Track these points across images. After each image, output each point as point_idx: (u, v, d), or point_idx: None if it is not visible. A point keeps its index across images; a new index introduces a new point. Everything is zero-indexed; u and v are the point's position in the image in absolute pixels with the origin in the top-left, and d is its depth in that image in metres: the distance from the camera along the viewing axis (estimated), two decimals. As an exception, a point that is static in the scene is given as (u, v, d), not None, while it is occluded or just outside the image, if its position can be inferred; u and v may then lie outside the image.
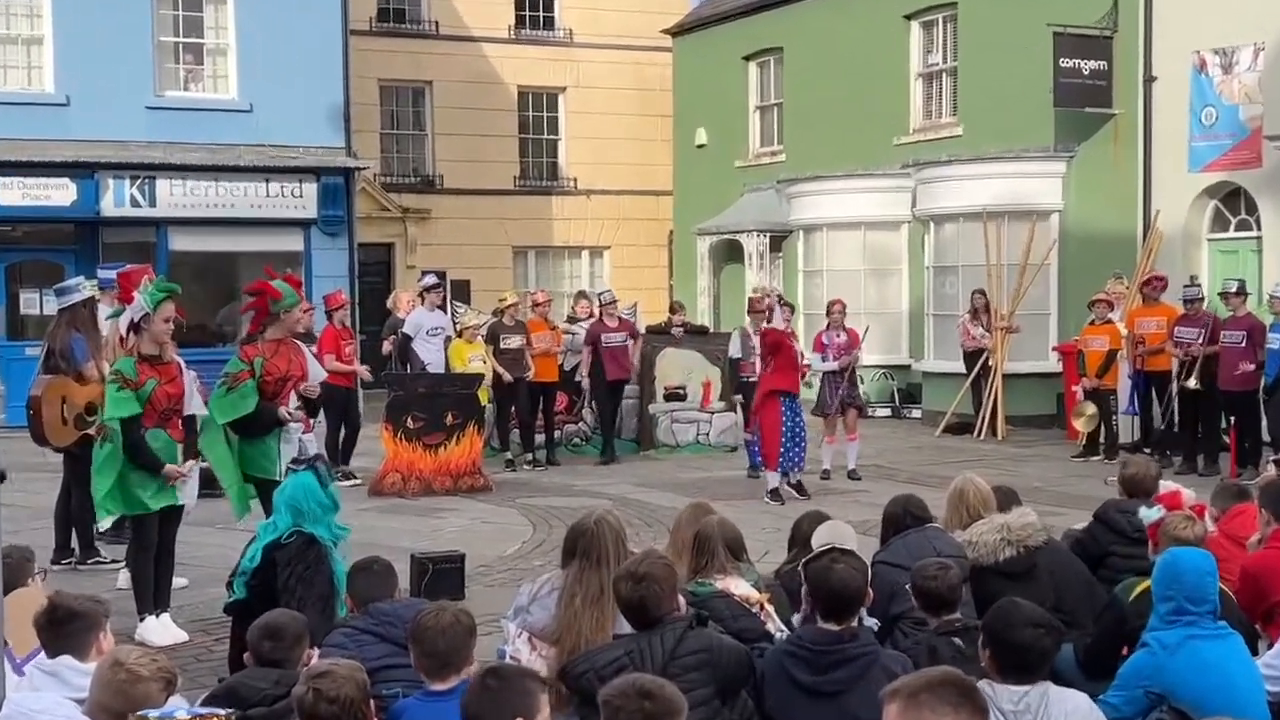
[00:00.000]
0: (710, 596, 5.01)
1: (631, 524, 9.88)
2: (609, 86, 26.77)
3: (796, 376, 12.03)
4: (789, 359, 11.95)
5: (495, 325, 14.45)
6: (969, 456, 15.19)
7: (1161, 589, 4.51)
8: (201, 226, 18.95)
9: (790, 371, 11.95)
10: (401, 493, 12.63)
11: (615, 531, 4.92)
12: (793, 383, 11.95)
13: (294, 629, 4.34)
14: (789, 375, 11.94)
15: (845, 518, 6.10)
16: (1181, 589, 4.44)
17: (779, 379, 11.92)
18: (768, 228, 21.97)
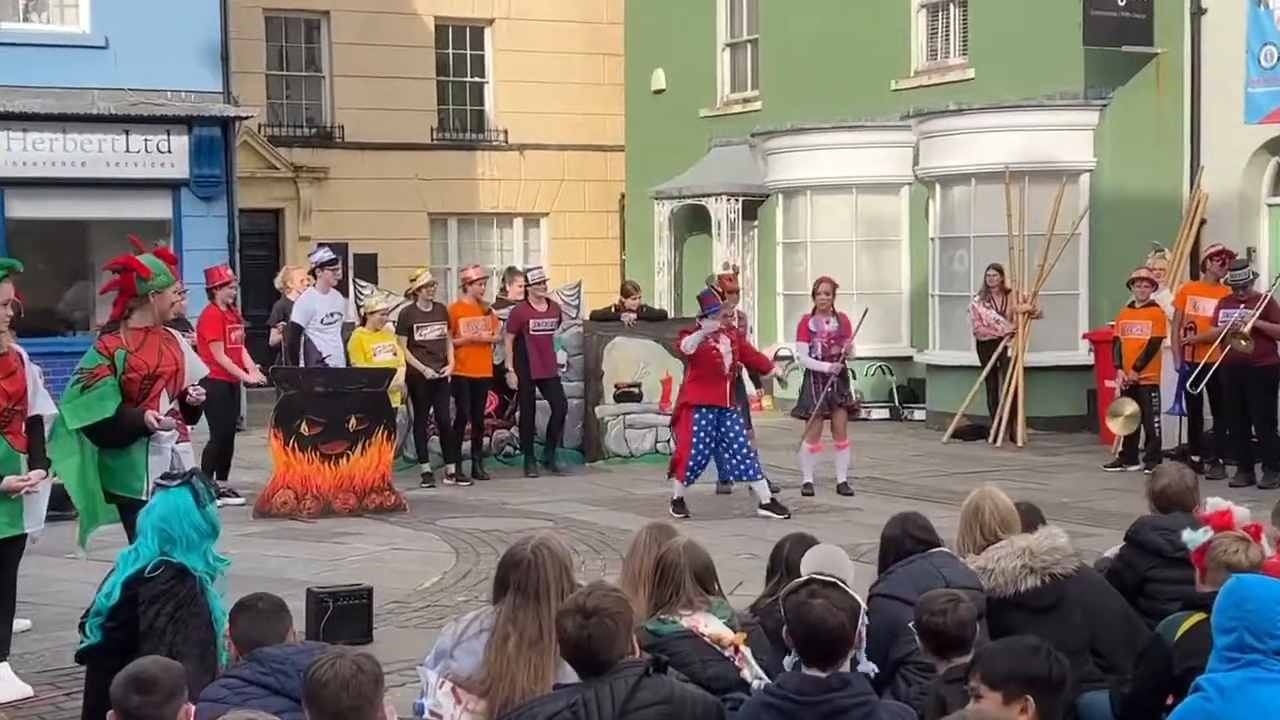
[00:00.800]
0: (674, 636, 5.02)
1: (577, 550, 9.89)
2: (546, 18, 26.74)
3: (724, 387, 12.36)
4: (710, 365, 12.29)
5: (408, 310, 14.41)
6: (983, 466, 15.30)
7: (1223, 619, 4.55)
8: (46, 189, 18.75)
9: (713, 381, 12.30)
10: (294, 514, 12.59)
11: (558, 560, 4.92)
12: (717, 395, 12.32)
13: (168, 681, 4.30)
14: (710, 386, 12.30)
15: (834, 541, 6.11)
16: (1246, 619, 4.48)
17: (695, 390, 12.36)
18: (740, 191, 22.04)
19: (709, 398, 12.34)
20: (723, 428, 12.41)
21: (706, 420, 12.35)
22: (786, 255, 21.14)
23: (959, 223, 18.74)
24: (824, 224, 20.57)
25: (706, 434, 12.37)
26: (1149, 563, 6.30)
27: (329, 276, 14.18)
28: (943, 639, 4.92)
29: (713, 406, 12.34)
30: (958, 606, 4.94)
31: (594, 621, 4.29)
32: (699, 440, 12.38)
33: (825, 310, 13.57)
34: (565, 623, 4.34)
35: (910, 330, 20.32)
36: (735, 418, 12.54)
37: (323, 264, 14.20)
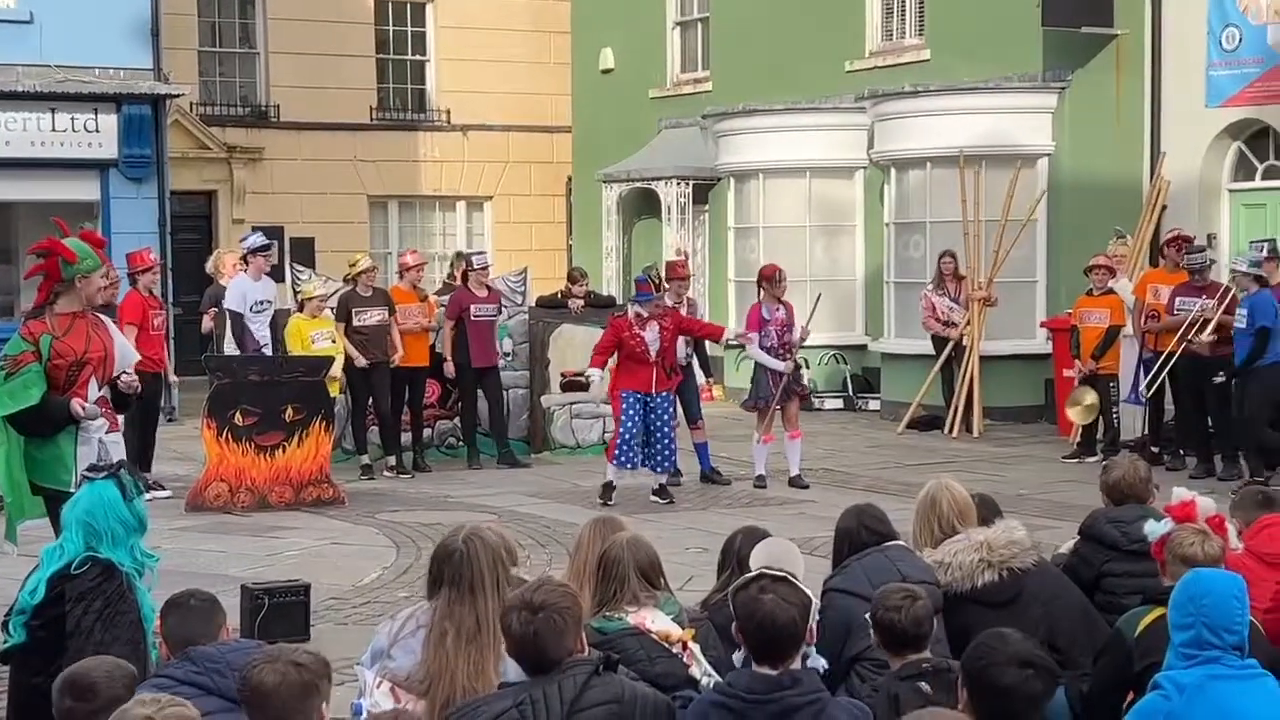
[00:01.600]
0: (620, 634, 5.02)
1: (522, 544, 9.86)
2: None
3: (648, 373, 12.67)
4: (632, 352, 12.66)
5: (347, 296, 14.34)
6: (939, 457, 15.38)
7: (1179, 615, 4.58)
8: (-32, 169, 18.56)
9: (635, 367, 12.67)
10: (228, 507, 12.52)
11: (492, 550, 4.91)
12: (640, 381, 12.67)
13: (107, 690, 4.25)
14: (634, 372, 12.69)
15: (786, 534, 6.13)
16: (1203, 614, 4.51)
17: (620, 376, 12.83)
18: (690, 174, 22.04)
19: (632, 383, 12.68)
20: (651, 414, 12.67)
21: (633, 404, 12.64)
22: (738, 240, 21.17)
23: (914, 208, 18.81)
24: (777, 208, 20.60)
25: (637, 415, 12.66)
26: (1104, 556, 6.35)
27: (261, 262, 14.09)
28: (897, 635, 4.94)
29: (636, 392, 12.64)
30: (914, 603, 4.96)
31: (541, 617, 4.28)
32: (628, 422, 12.66)
33: (770, 298, 13.58)
34: (511, 618, 4.32)
35: (865, 318, 20.39)
36: (665, 406, 12.73)
37: (255, 249, 14.11)
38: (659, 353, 12.69)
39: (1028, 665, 4.24)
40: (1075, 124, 17.89)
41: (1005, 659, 4.25)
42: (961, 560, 5.72)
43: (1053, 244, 18.09)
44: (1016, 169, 17.49)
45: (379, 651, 4.94)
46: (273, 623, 8.18)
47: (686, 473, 13.91)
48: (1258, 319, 12.98)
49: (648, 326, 12.69)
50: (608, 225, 23.21)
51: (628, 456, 12.73)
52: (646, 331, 12.68)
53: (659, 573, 5.34)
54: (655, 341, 12.67)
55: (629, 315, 12.84)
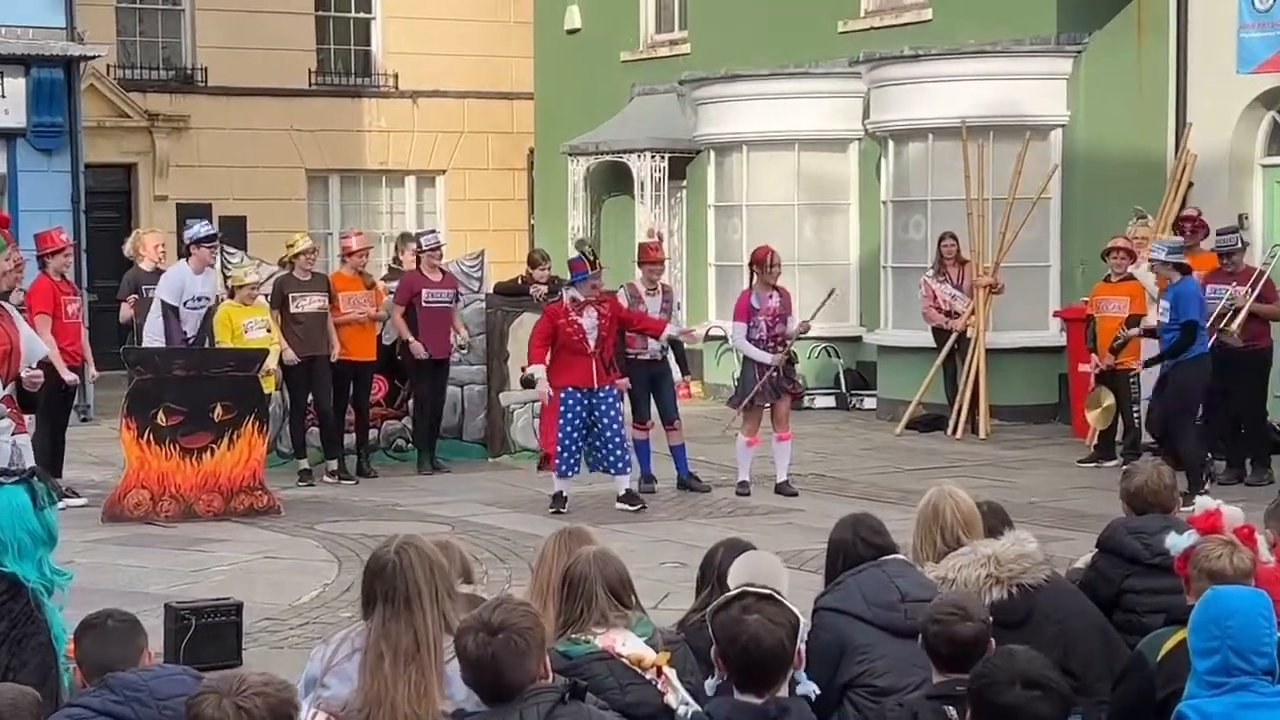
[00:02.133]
0: (588, 658, 5.01)
1: (479, 559, 9.86)
2: (443, -54, 26.64)
3: (588, 365, 12.62)
4: (568, 343, 12.63)
5: (283, 280, 14.31)
6: (941, 461, 15.42)
7: (1201, 639, 4.59)
8: None
9: (573, 359, 12.61)
10: (150, 517, 12.47)
11: (428, 560, 4.91)
12: (580, 374, 12.61)
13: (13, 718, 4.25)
14: (571, 365, 12.63)
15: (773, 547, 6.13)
16: (1229, 637, 4.52)
17: (555, 371, 12.74)
18: (666, 146, 22.04)
19: (571, 378, 12.62)
20: (595, 412, 12.65)
21: (574, 401, 12.61)
22: (719, 220, 21.17)
23: (915, 184, 18.85)
24: (762, 185, 20.61)
25: (577, 416, 12.63)
26: (1124, 570, 6.37)
27: (206, 254, 13.96)
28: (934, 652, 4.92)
29: (579, 388, 12.59)
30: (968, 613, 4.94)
31: (500, 639, 4.26)
32: (567, 424, 12.64)
33: (765, 284, 13.58)
34: (466, 640, 4.31)
35: (859, 307, 20.42)
36: (611, 402, 12.75)
37: (200, 239, 13.99)
38: (598, 342, 12.66)
39: (1034, 686, 4.25)
40: (1092, 91, 17.94)
41: (1009, 678, 4.25)
42: (967, 576, 5.73)
43: (1066, 225, 18.14)
44: (1026, 141, 17.54)
45: (312, 680, 4.93)
46: (200, 646, 8.15)
47: (662, 479, 13.92)
48: (1182, 311, 12.98)
49: (585, 312, 12.67)
50: (574, 203, 23.20)
51: (570, 463, 12.74)
52: (584, 318, 12.65)
53: (630, 590, 5.34)
54: (594, 330, 12.63)
55: (564, 300, 12.80)
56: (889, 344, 18.99)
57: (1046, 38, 18.26)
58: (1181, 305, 13.03)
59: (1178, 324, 13.01)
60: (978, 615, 4.99)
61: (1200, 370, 13.20)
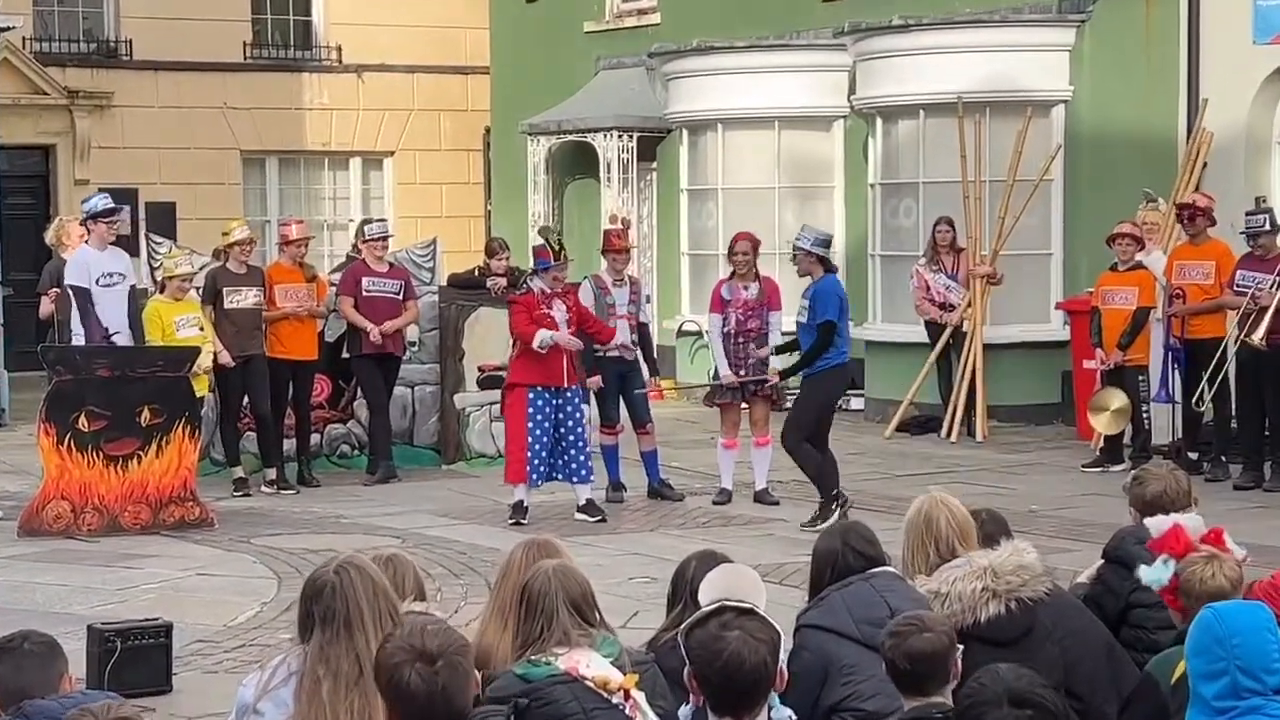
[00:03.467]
0: (549, 680, 5.00)
1: (431, 574, 9.86)
2: (391, -93, 26.60)
3: (560, 362, 12.61)
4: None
5: (216, 273, 14.29)
6: (934, 466, 15.45)
7: (1205, 662, 4.58)
8: None
9: (545, 356, 12.55)
10: (71, 531, 12.44)
11: (369, 579, 4.91)
12: (551, 372, 12.59)
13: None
14: (542, 361, 12.57)
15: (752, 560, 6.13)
16: (1235, 657, 4.52)
17: (524, 367, 12.69)
18: (634, 125, 22.04)
19: (541, 375, 12.60)
20: (560, 415, 12.68)
21: (544, 403, 12.62)
22: (692, 205, 21.18)
23: (905, 165, 18.87)
24: (739, 167, 20.62)
25: (546, 419, 12.64)
26: (1132, 584, 6.37)
27: (104, 230, 13.94)
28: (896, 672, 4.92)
29: (548, 387, 12.59)
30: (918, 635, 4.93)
31: (443, 667, 4.22)
32: (536, 428, 12.62)
33: (745, 274, 13.60)
34: (405, 674, 4.24)
35: (845, 299, 20.43)
36: (577, 404, 12.81)
37: (97, 214, 13.96)
38: None
39: (1024, 704, 4.24)
40: (1097, 65, 17.99)
41: (994, 696, 4.25)
42: (962, 590, 5.73)
43: (1070, 209, 18.19)
44: (1027, 119, 17.58)
45: (244, 708, 4.93)
46: (126, 670, 8.13)
47: (632, 486, 13.93)
48: (821, 311, 12.76)
49: (554, 304, 12.71)
50: (534, 187, 23.19)
51: (540, 470, 12.74)
52: (555, 310, 12.68)
53: (594, 606, 5.34)
54: (564, 323, 12.67)
55: (534, 292, 12.78)
56: (877, 339, 18.99)
57: (1048, 6, 18.31)
58: (821, 304, 12.74)
59: (815, 324, 12.78)
60: (938, 627, 5.00)
61: (837, 381, 13.22)
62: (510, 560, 5.62)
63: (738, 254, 13.60)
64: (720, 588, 4.75)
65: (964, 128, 17.65)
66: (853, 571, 5.82)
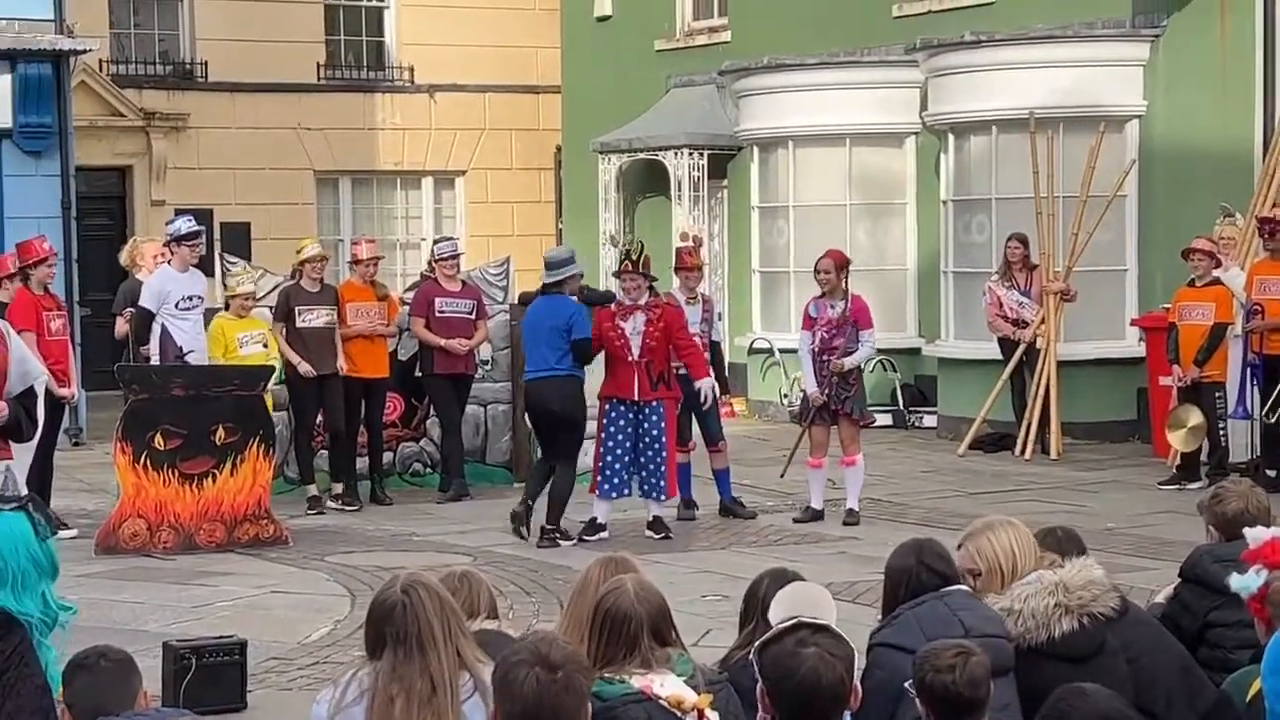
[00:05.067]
0: (623, 700, 5.00)
1: (502, 592, 9.88)
2: (462, -73, 26.73)
3: (629, 376, 12.72)
4: (611, 350, 12.79)
5: (290, 290, 14.39)
6: (1009, 485, 15.41)
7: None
8: None
9: (617, 368, 12.76)
10: (147, 549, 12.52)
11: (437, 597, 4.91)
12: (622, 385, 12.75)
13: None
14: (615, 374, 12.81)
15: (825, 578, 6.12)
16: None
17: (606, 383, 12.93)
18: (705, 142, 22.07)
19: (612, 389, 12.80)
20: (639, 428, 12.75)
21: (618, 415, 12.75)
22: (763, 222, 21.17)
23: (978, 182, 18.82)
24: (810, 184, 20.61)
25: (621, 433, 12.75)
26: (1211, 602, 6.33)
27: (187, 253, 14.08)
28: (952, 702, 4.90)
29: (622, 400, 12.74)
30: (968, 660, 4.92)
31: (562, 679, 4.15)
32: (610, 440, 12.76)
33: (831, 292, 13.57)
34: (521, 674, 4.17)
35: (917, 316, 20.39)
36: (656, 421, 12.81)
37: (180, 236, 14.11)
38: (644, 351, 12.74)
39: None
40: (1172, 79, 17.88)
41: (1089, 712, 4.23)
42: (1034, 607, 5.71)
43: (1145, 225, 18.09)
44: (1100, 134, 17.50)
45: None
46: (201, 688, 8.17)
47: (704, 504, 13.93)
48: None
49: (630, 317, 12.75)
50: (605, 205, 23.24)
51: (615, 483, 12.80)
52: (627, 322, 12.73)
53: (670, 626, 5.33)
54: (637, 335, 12.72)
55: (615, 304, 13.03)
56: (950, 356, 18.96)
57: (1121, 21, 18.22)
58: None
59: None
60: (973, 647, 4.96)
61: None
62: (586, 577, 5.60)
63: (820, 272, 13.61)
64: (792, 605, 4.74)
65: (1036, 144, 17.57)
66: (926, 589, 5.80)
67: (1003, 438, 17.41)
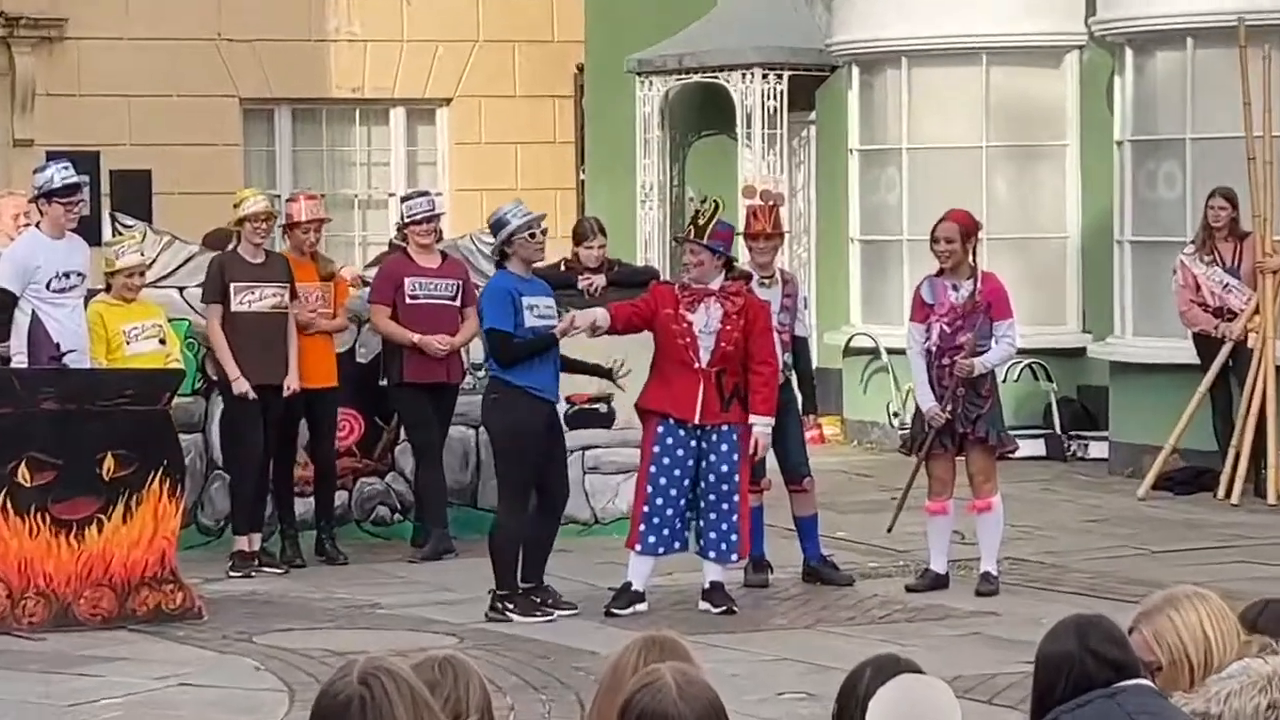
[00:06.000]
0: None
1: (498, 686, 9.89)
2: None
3: (692, 386, 12.65)
4: (669, 348, 12.70)
5: (225, 262, 14.49)
6: (1209, 539, 15.43)
7: None
8: None
9: (676, 376, 12.68)
10: (7, 623, 12.57)
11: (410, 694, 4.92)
12: (680, 399, 12.66)
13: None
14: (671, 382, 12.72)
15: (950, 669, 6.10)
16: None
17: (654, 389, 12.86)
18: (784, 60, 22.10)
19: (664, 402, 12.71)
20: (701, 462, 12.69)
21: (674, 441, 12.66)
22: (866, 173, 21.18)
23: (1166, 116, 18.80)
24: (932, 119, 20.64)
25: (679, 466, 12.65)
26: None
27: (61, 213, 14.13)
28: None
29: (680, 422, 12.67)
30: None
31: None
32: (663, 477, 12.66)
33: (955, 270, 13.54)
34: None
35: (1080, 304, 20.39)
36: (725, 451, 12.73)
37: (53, 191, 14.17)
38: (715, 358, 12.70)
39: None
40: None
41: None
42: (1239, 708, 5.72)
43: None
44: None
45: None
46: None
47: (781, 565, 13.95)
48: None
49: (700, 306, 12.75)
50: (645, 147, 23.26)
51: (663, 535, 12.76)
52: (696, 313, 12.73)
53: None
54: (709, 335, 12.69)
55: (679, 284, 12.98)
56: (1126, 360, 18.93)
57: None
58: None
59: None
60: None
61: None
62: (618, 665, 5.63)
63: (939, 241, 13.56)
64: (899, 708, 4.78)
65: (1247, 63, 17.56)
66: (1093, 684, 5.82)
67: (1200, 474, 17.39)
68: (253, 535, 14.54)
